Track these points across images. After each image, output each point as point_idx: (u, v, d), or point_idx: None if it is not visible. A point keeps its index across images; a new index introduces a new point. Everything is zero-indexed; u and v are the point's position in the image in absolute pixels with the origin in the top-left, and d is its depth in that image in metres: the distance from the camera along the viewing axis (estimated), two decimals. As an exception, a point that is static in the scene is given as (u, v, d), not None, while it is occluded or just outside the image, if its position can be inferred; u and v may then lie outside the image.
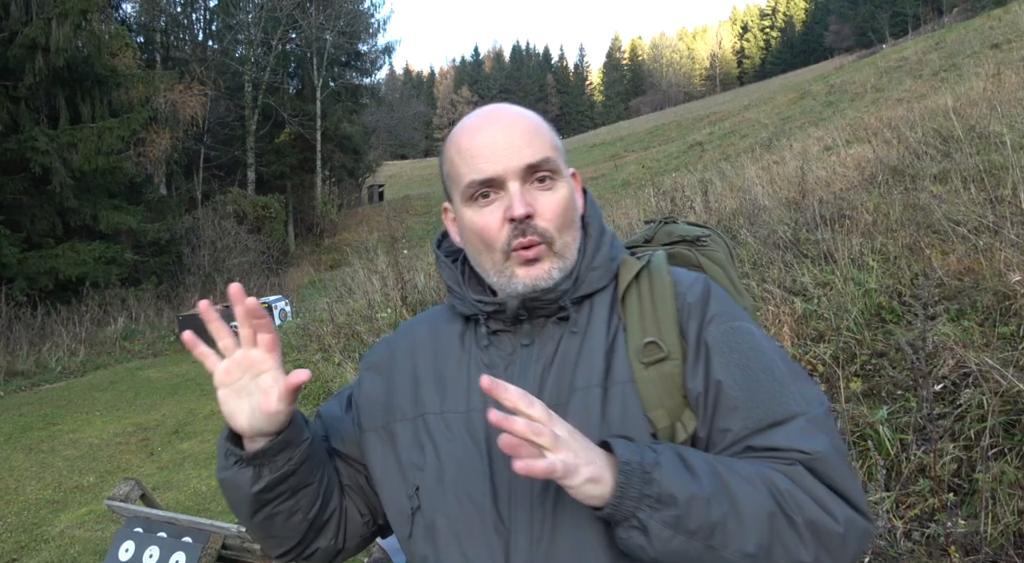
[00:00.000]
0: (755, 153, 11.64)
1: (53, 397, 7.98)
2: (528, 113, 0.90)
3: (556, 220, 0.86)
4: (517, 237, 0.85)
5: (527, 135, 0.86)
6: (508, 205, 0.84)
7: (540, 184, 0.86)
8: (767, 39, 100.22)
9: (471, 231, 0.88)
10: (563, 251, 0.87)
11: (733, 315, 0.87)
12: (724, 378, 0.81)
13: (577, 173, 0.95)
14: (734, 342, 0.84)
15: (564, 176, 0.89)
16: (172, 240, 16.38)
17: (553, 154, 0.87)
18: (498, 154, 0.85)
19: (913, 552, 2.08)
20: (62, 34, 11.81)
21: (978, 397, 2.43)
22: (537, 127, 0.88)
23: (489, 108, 0.92)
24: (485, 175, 0.85)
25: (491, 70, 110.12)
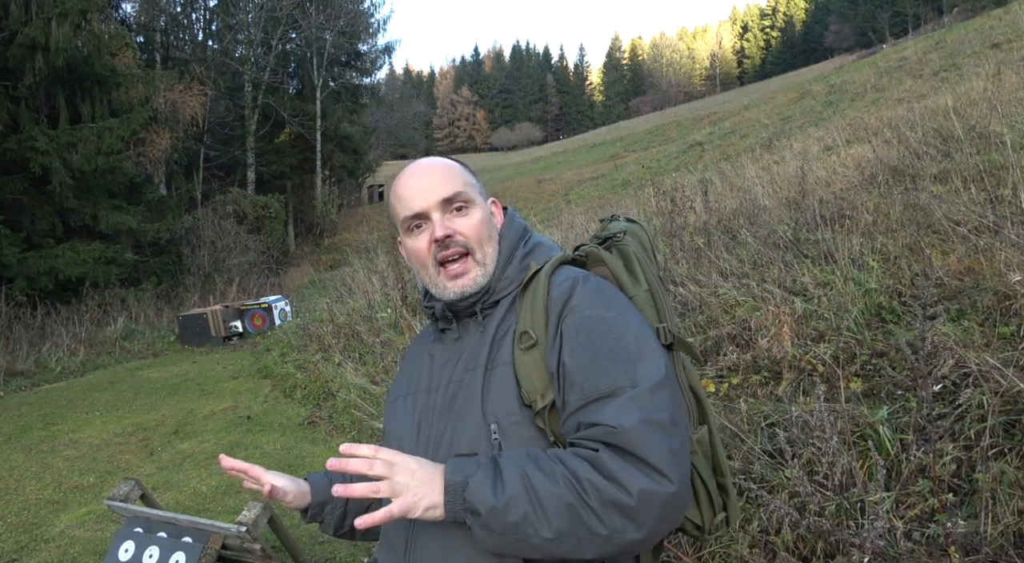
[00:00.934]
0: (755, 153, 11.63)
1: (53, 397, 7.98)
2: (445, 162, 1.19)
3: (473, 234, 1.13)
4: (441, 251, 1.12)
5: (442, 177, 1.14)
6: (432, 230, 1.12)
7: (458, 211, 1.14)
8: (767, 39, 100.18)
9: (411, 254, 1.17)
10: (484, 260, 1.14)
11: (591, 305, 1.05)
12: (568, 359, 1.01)
13: (496, 201, 1.24)
14: (583, 328, 1.02)
15: (477, 203, 1.15)
16: (172, 240, 16.37)
17: (465, 188, 1.15)
18: (422, 194, 1.13)
19: (913, 552, 2.07)
20: (62, 34, 11.81)
21: (978, 397, 2.43)
22: (450, 170, 1.16)
23: (417, 162, 1.20)
24: (414, 211, 1.13)
25: (491, 70, 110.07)
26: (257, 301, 12.22)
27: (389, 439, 1.20)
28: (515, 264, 1.16)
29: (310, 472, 1.29)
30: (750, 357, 3.40)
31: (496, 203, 1.23)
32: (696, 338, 3.80)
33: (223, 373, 8.61)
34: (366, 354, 6.77)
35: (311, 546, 3.55)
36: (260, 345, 10.17)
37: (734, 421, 2.85)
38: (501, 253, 1.16)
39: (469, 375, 1.08)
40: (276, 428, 5.88)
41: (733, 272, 4.51)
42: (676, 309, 4.17)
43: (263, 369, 8.27)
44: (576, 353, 1.00)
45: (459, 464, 0.95)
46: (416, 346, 1.28)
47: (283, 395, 6.99)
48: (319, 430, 5.67)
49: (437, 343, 1.19)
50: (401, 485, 0.91)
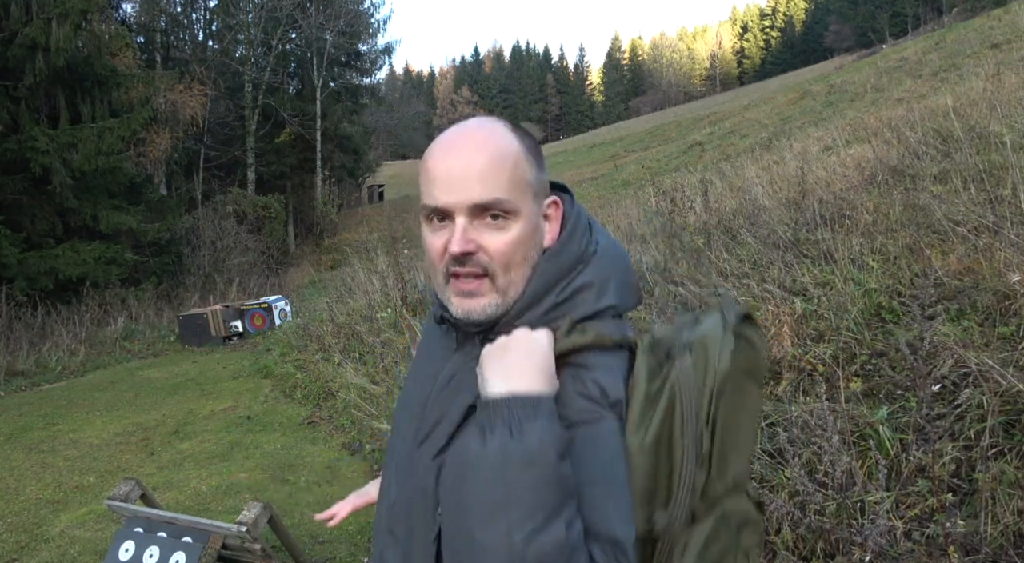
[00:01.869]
0: (755, 153, 11.63)
1: (53, 397, 7.98)
2: (497, 143, 0.86)
3: (501, 257, 0.85)
4: (455, 267, 0.86)
5: (484, 171, 0.84)
6: (451, 237, 0.85)
7: (492, 221, 0.85)
8: (767, 39, 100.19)
9: (425, 246, 0.90)
10: (506, 288, 0.86)
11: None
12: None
13: (559, 201, 0.92)
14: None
15: (522, 214, 0.85)
16: (172, 240, 16.37)
17: (511, 193, 0.84)
18: (451, 186, 0.84)
19: (913, 552, 2.08)
20: (62, 34, 11.81)
21: (978, 397, 2.43)
22: (499, 162, 0.85)
23: (461, 129, 0.89)
24: (436, 203, 0.86)
25: (491, 70, 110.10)
26: (257, 301, 12.22)
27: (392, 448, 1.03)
28: (546, 304, 0.88)
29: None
30: (750, 357, 3.39)
31: (557, 204, 0.92)
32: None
33: (223, 373, 8.62)
34: (366, 354, 6.77)
35: (311, 546, 3.56)
36: (260, 345, 10.17)
37: (734, 421, 2.85)
38: (536, 280, 0.87)
39: (455, 409, 0.88)
40: (276, 428, 5.88)
41: (733, 272, 4.52)
42: (676, 309, 4.17)
43: (263, 369, 8.27)
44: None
45: None
46: (425, 347, 1.08)
47: (283, 395, 6.99)
48: (319, 430, 5.67)
49: (442, 340, 0.99)
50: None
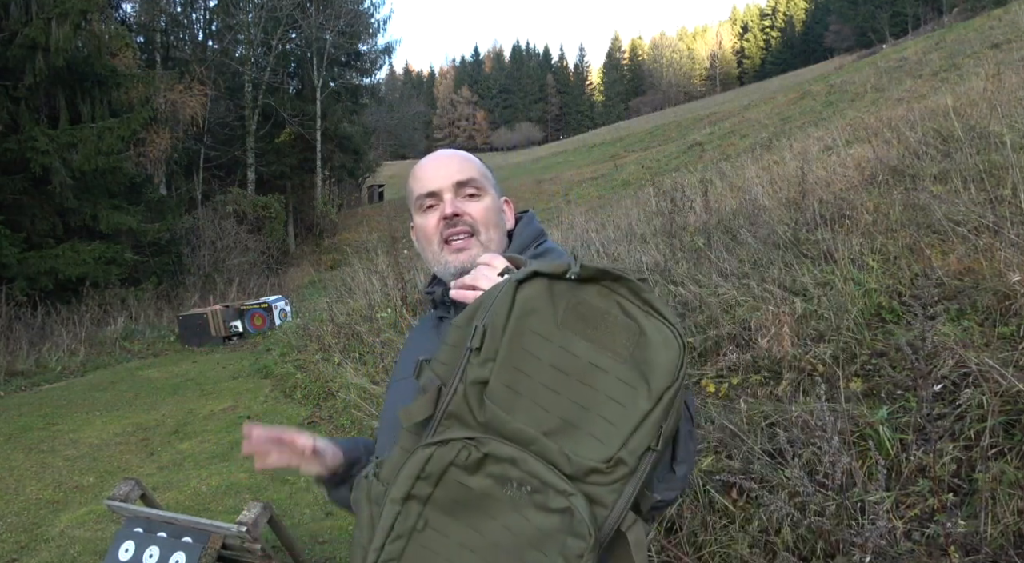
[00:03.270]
0: (755, 153, 11.63)
1: (53, 397, 7.98)
2: (464, 153, 1.25)
3: (480, 217, 1.18)
4: (448, 228, 1.17)
5: (459, 164, 1.22)
6: (443, 208, 1.18)
7: (470, 196, 1.20)
8: (767, 39, 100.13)
9: (420, 231, 1.22)
10: (488, 243, 1.18)
11: None
12: None
13: (510, 201, 1.29)
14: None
15: (488, 194, 1.21)
16: (172, 240, 16.37)
17: (479, 176, 1.21)
18: (438, 176, 1.20)
19: (913, 552, 2.08)
20: (62, 34, 11.81)
21: (978, 397, 2.43)
22: (468, 160, 1.24)
23: (437, 151, 1.27)
24: (428, 189, 1.20)
25: (491, 70, 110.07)
26: (257, 301, 12.22)
27: (382, 418, 1.24)
28: (527, 256, 1.16)
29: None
30: (750, 357, 3.40)
31: (509, 202, 1.29)
32: (696, 338, 3.80)
33: (223, 373, 8.61)
34: (366, 354, 6.77)
35: (311, 546, 3.55)
36: (260, 345, 10.16)
37: (734, 421, 2.85)
38: (516, 239, 1.21)
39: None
40: (276, 428, 5.87)
41: (733, 272, 4.51)
42: (676, 309, 4.17)
43: (263, 369, 8.26)
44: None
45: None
46: (416, 333, 1.30)
47: (283, 395, 6.99)
48: (319, 430, 5.67)
49: (434, 329, 1.20)
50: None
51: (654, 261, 5.24)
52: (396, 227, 15.30)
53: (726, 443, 2.77)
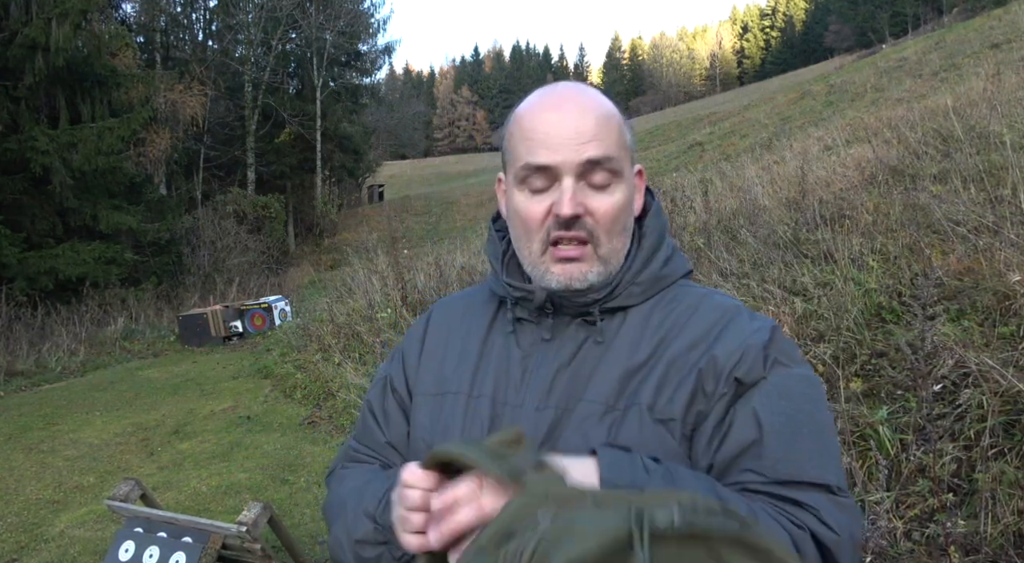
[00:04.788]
0: (755, 153, 11.63)
1: (53, 397, 7.98)
2: (604, 102, 0.84)
3: (607, 225, 0.83)
4: (560, 230, 0.82)
5: (596, 127, 0.81)
6: (558, 200, 0.81)
7: (597, 183, 0.82)
8: (767, 39, 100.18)
9: (516, 214, 0.85)
10: (608, 256, 0.84)
11: (797, 363, 0.83)
12: (765, 421, 0.77)
13: (643, 171, 0.90)
14: (791, 392, 0.80)
15: (626, 178, 0.84)
16: (172, 240, 16.37)
17: (619, 153, 0.82)
18: (560, 142, 0.80)
19: (913, 552, 2.08)
20: (62, 34, 11.81)
21: (978, 397, 2.43)
22: (608, 119, 0.83)
23: (562, 88, 0.85)
24: (541, 161, 0.81)
25: (491, 70, 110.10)
26: (257, 301, 12.22)
27: (425, 437, 0.90)
28: (654, 268, 0.87)
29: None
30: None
31: (642, 174, 0.91)
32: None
33: (223, 373, 8.61)
34: (366, 354, 6.77)
35: (311, 546, 3.55)
36: (260, 345, 10.16)
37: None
38: (643, 247, 0.87)
39: (584, 407, 0.81)
40: (276, 428, 5.88)
41: (733, 272, 4.51)
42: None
43: (263, 369, 8.26)
44: (777, 418, 0.76)
45: (616, 462, 0.71)
46: (454, 328, 0.96)
47: (283, 395, 6.99)
48: (319, 430, 5.67)
49: (514, 336, 0.89)
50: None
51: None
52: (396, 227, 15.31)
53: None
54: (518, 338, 0.88)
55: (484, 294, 0.97)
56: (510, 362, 0.87)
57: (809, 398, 0.79)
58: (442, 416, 0.89)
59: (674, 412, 0.79)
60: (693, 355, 0.81)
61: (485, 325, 0.92)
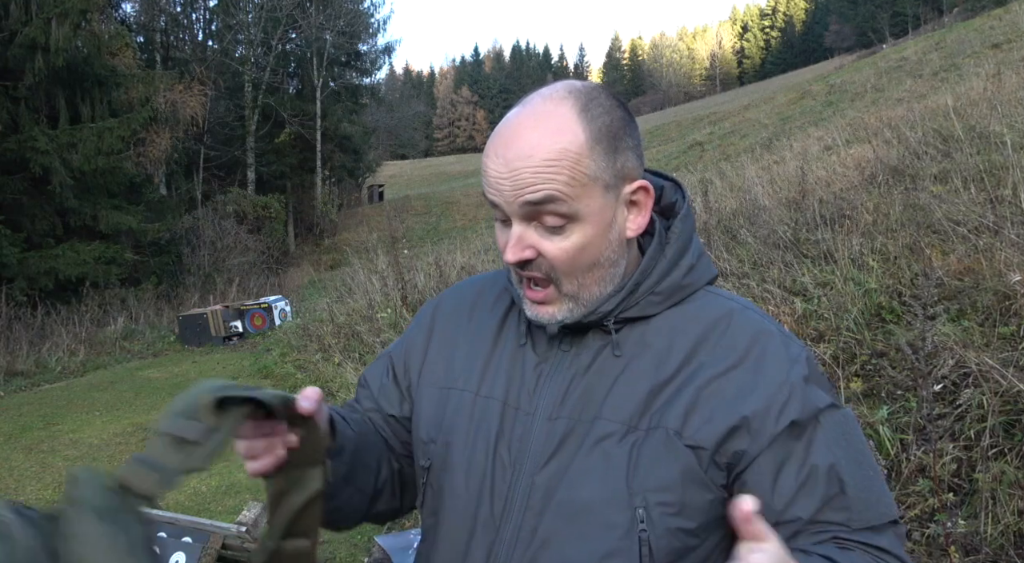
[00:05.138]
0: (755, 153, 11.64)
1: (53, 397, 7.98)
2: (555, 135, 0.74)
3: (563, 268, 0.77)
4: (518, 270, 0.80)
5: (540, 167, 0.73)
6: (509, 237, 0.77)
7: (549, 225, 0.76)
8: (767, 39, 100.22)
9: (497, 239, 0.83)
10: (577, 293, 0.79)
11: (835, 399, 0.83)
12: (844, 472, 0.77)
13: (647, 186, 0.80)
14: (847, 434, 0.81)
15: (584, 216, 0.75)
16: (172, 240, 16.38)
17: (573, 191, 0.74)
18: (500, 184, 0.75)
19: (913, 552, 2.08)
20: (62, 34, 11.81)
21: (978, 397, 2.43)
22: (561, 156, 0.73)
23: (523, 116, 0.76)
24: (491, 199, 0.78)
25: (491, 70, 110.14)
26: (257, 301, 12.21)
27: (439, 448, 0.87)
28: (676, 276, 0.83)
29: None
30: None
31: (647, 190, 0.80)
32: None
33: (223, 373, 8.61)
34: (366, 354, 6.77)
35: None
36: (260, 345, 10.17)
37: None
38: (664, 257, 0.82)
39: (602, 425, 0.78)
40: (276, 428, 5.87)
41: (733, 272, 4.52)
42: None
43: (263, 369, 8.26)
44: (851, 468, 0.76)
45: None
46: (463, 320, 0.93)
47: (283, 395, 6.98)
48: (319, 430, 5.66)
49: (527, 340, 0.86)
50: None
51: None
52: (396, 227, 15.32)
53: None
54: (534, 342, 0.85)
55: (497, 287, 0.93)
56: (524, 367, 0.84)
57: (860, 438, 0.80)
58: (447, 412, 0.87)
59: (705, 441, 0.76)
60: (729, 381, 0.77)
61: (497, 322, 0.89)
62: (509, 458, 0.80)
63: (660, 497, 0.74)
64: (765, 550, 0.61)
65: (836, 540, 0.75)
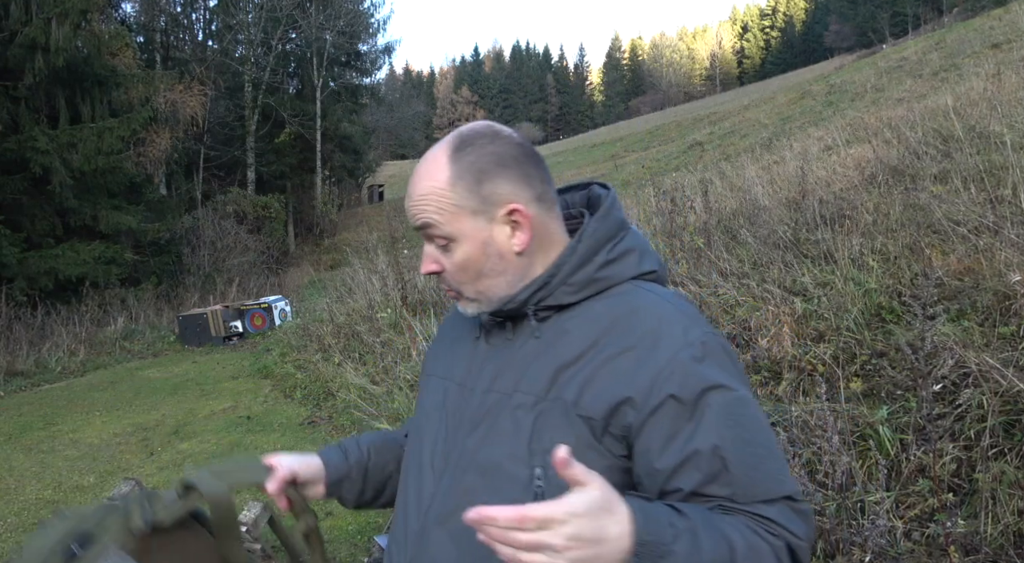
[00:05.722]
0: (755, 153, 11.63)
1: (53, 397, 7.98)
2: (430, 175, 0.93)
3: (458, 278, 0.95)
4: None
5: (420, 199, 0.93)
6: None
7: (440, 245, 0.94)
8: (767, 39, 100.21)
9: None
10: (478, 296, 0.95)
11: (735, 381, 0.89)
12: (728, 453, 0.84)
13: (518, 208, 0.92)
14: (737, 415, 0.87)
15: (460, 237, 0.92)
16: (172, 240, 16.36)
17: (443, 217, 0.92)
18: (409, 211, 0.95)
19: (913, 552, 2.08)
20: (62, 34, 11.80)
21: (978, 397, 2.43)
22: (432, 189, 0.92)
23: (423, 157, 0.97)
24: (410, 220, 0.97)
25: (491, 70, 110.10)
26: (257, 301, 12.21)
27: (416, 416, 1.10)
28: (589, 270, 0.93)
29: (319, 448, 1.17)
30: (750, 357, 3.40)
31: (519, 210, 0.92)
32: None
33: (223, 373, 8.61)
34: (366, 354, 6.77)
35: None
36: (260, 345, 10.17)
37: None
38: (579, 252, 0.93)
39: (518, 397, 0.91)
40: (276, 428, 5.88)
41: (733, 272, 4.51)
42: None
43: (263, 369, 8.27)
44: (736, 448, 0.83)
45: (648, 517, 0.74)
46: (457, 319, 1.09)
47: (283, 395, 6.99)
48: (319, 430, 5.67)
49: (483, 334, 1.01)
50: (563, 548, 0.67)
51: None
52: (396, 227, 15.30)
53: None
54: (488, 333, 1.00)
55: None
56: (477, 353, 1.00)
57: (755, 419, 0.86)
58: (425, 394, 1.07)
59: (595, 413, 0.86)
60: (622, 361, 0.87)
61: (473, 320, 1.03)
62: (451, 425, 0.98)
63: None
64: (587, 493, 0.70)
65: (722, 508, 0.82)
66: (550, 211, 0.96)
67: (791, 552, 0.81)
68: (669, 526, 0.74)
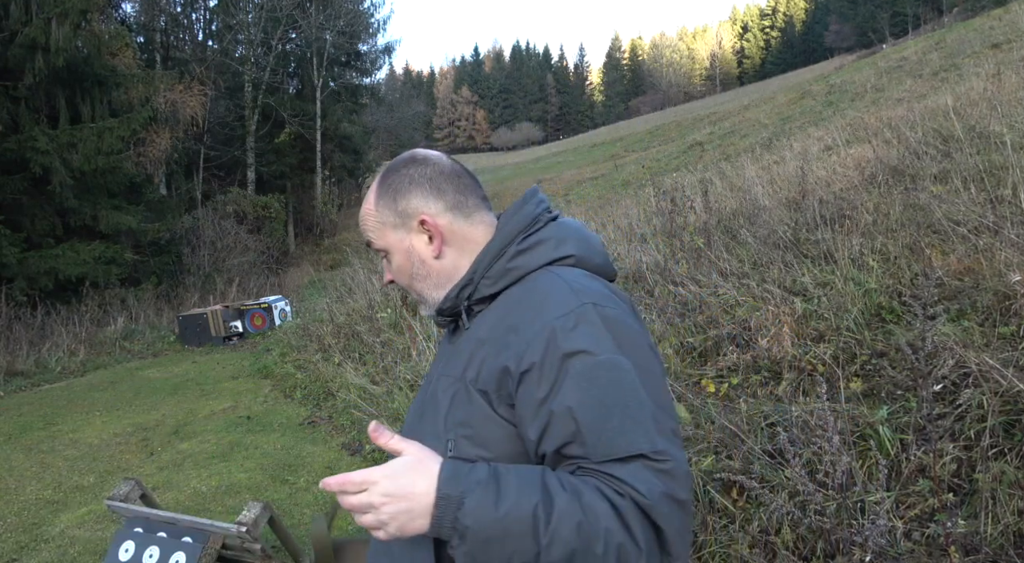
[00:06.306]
0: (755, 153, 11.63)
1: (53, 397, 7.98)
2: (371, 196, 1.11)
3: (403, 281, 1.12)
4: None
5: (361, 222, 1.12)
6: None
7: (384, 258, 1.13)
8: (767, 39, 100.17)
9: None
10: (420, 299, 1.12)
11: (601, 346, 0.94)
12: (579, 413, 0.91)
13: (425, 219, 1.07)
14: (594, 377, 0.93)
15: (391, 249, 1.10)
16: (172, 240, 16.35)
17: (376, 233, 1.10)
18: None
19: (913, 552, 2.08)
20: (62, 34, 11.79)
21: (978, 397, 2.43)
22: (367, 213, 1.11)
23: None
24: None
25: (491, 70, 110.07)
26: (257, 301, 12.21)
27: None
28: (502, 262, 1.04)
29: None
30: (750, 357, 3.40)
31: (423, 222, 1.07)
32: (696, 338, 3.80)
33: (223, 373, 8.61)
34: (366, 354, 6.77)
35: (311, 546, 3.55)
36: (260, 345, 10.17)
37: (734, 421, 2.85)
38: (490, 250, 1.05)
39: (444, 381, 1.04)
40: (276, 428, 5.87)
41: (733, 272, 4.51)
42: (676, 309, 4.17)
43: (263, 369, 8.26)
44: (588, 409, 0.88)
45: (452, 473, 0.86)
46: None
47: (283, 395, 6.99)
48: (319, 430, 5.67)
49: (449, 333, 1.17)
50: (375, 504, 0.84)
51: (654, 261, 5.24)
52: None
53: (726, 443, 2.77)
54: (452, 334, 1.14)
55: None
56: (444, 351, 1.14)
57: (616, 382, 0.90)
58: (417, 397, 1.17)
59: (486, 386, 0.96)
60: (510, 335, 0.96)
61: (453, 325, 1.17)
62: (414, 414, 1.11)
63: (463, 431, 0.96)
64: (402, 457, 0.88)
65: (580, 469, 0.88)
66: (468, 218, 1.08)
67: (642, 511, 0.83)
68: (471, 483, 0.84)
